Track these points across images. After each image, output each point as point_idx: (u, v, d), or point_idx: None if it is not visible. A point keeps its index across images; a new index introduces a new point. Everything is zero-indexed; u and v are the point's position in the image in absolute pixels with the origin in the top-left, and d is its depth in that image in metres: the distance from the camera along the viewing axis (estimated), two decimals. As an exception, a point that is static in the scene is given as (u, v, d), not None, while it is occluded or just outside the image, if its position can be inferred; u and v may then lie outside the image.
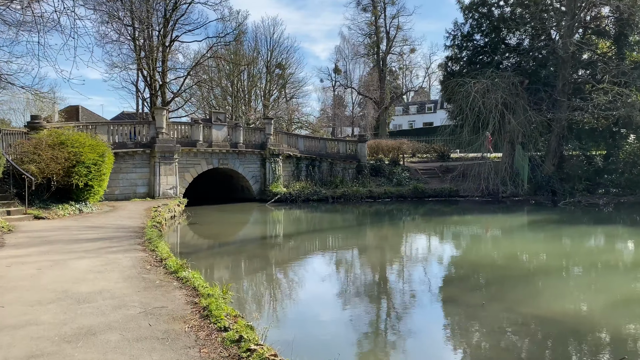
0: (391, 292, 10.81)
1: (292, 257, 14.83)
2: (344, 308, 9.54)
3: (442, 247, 17.35)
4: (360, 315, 9.03)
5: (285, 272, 12.86)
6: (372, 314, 9.24)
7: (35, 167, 16.44)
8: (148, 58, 38.37)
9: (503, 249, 16.10)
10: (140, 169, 24.51)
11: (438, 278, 12.35)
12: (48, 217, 16.04)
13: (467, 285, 11.29)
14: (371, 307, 9.70)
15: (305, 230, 20.33)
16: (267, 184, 29.52)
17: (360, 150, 33.85)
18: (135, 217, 17.06)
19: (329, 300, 10.10)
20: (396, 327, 8.66)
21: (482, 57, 37.86)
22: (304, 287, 11.47)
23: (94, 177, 17.87)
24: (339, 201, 29.29)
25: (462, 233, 20.05)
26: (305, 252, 16.01)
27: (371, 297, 10.42)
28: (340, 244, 17.35)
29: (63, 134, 18.16)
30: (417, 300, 10.11)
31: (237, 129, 28.85)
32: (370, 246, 17.17)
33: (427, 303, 9.94)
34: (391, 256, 15.19)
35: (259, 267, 13.24)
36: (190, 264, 11.08)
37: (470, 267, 13.36)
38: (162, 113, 25.20)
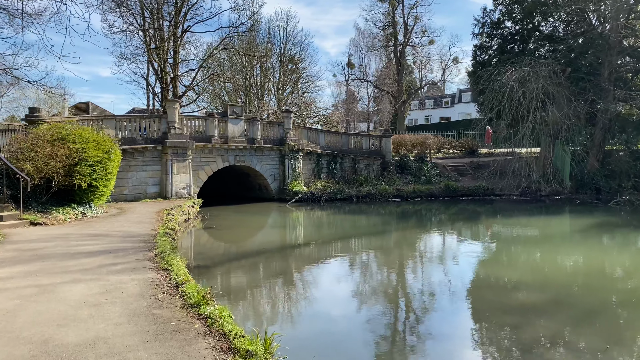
0: (446, 324, 8.58)
1: (328, 276, 12.66)
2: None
3: (499, 257, 15.07)
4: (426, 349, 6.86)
5: (328, 302, 10.68)
6: (428, 348, 7.06)
7: (32, 165, 14.44)
8: (159, 50, 36.38)
9: (578, 261, 13.77)
10: (150, 166, 22.49)
11: (508, 304, 10.06)
12: (46, 223, 14.03)
13: (558, 315, 9.02)
14: (427, 344, 7.50)
15: (334, 237, 18.16)
16: (287, 183, 27.40)
17: (384, 145, 31.58)
18: (145, 222, 15.00)
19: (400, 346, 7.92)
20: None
21: (513, 45, 35.40)
22: (360, 324, 9.29)
23: (99, 177, 15.84)
24: (364, 201, 27.09)
25: (514, 238, 17.75)
26: (343, 272, 13.82)
27: (425, 333, 8.22)
28: (380, 258, 15.13)
29: (64, 128, 16.15)
30: (485, 340, 7.87)
31: (255, 123, 26.73)
32: (411, 258, 14.93)
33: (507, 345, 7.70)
34: (440, 274, 12.93)
35: (295, 291, 11.07)
36: (213, 288, 8.98)
37: (545, 287, 11.08)
38: (174, 106, 23.14)
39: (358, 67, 78.17)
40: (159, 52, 36.21)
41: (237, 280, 11.34)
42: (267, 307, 9.39)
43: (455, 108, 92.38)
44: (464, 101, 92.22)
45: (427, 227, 20.19)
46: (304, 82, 64.16)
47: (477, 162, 33.62)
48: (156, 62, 35.89)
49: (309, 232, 19.12)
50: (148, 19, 35.91)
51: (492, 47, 36.91)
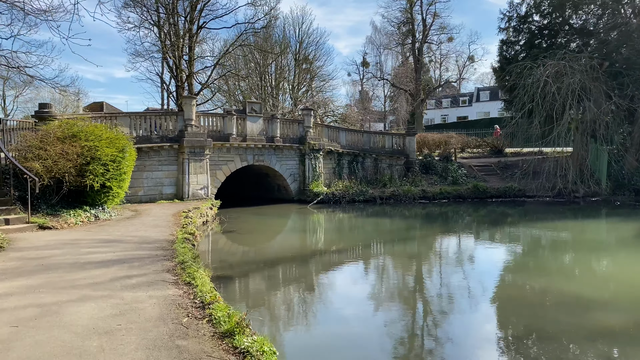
0: (475, 335, 7.27)
1: (367, 288, 11.43)
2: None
3: (535, 264, 13.65)
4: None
5: (378, 325, 9.43)
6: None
7: (41, 164, 13.39)
8: (174, 46, 35.39)
9: (613, 269, 12.33)
10: (166, 166, 21.42)
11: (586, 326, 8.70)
12: (56, 227, 12.97)
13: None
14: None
15: (360, 242, 16.90)
16: (307, 183, 26.20)
17: (408, 144, 30.22)
18: (162, 226, 13.89)
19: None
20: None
21: (541, 40, 33.84)
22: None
23: (112, 177, 14.76)
24: (388, 202, 25.77)
25: (550, 242, 16.33)
26: (380, 283, 12.53)
27: (451, 342, 6.92)
28: (411, 266, 13.80)
29: (75, 125, 15.10)
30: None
31: (274, 121, 25.56)
32: (439, 265, 13.60)
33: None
34: (470, 282, 11.57)
35: (334, 309, 9.85)
36: (241, 302, 7.89)
37: (580, 297, 9.70)
38: (191, 103, 22.06)
39: (374, 65, 76.84)
40: (174, 49, 35.23)
41: (267, 295, 10.11)
42: (305, 332, 8.16)
43: (473, 107, 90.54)
44: (482, 100, 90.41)
45: (457, 230, 18.83)
46: (319, 80, 62.99)
47: (505, 162, 32.12)
48: (171, 58, 34.91)
49: (334, 236, 17.88)
50: (163, 14, 34.96)
51: (519, 42, 35.39)
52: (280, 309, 9.10)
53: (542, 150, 36.11)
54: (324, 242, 16.67)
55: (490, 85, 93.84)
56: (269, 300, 9.67)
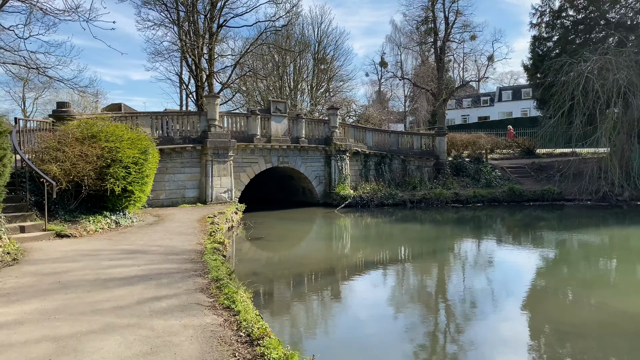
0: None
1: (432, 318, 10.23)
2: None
3: (582, 276, 12.31)
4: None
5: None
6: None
7: (58, 167, 12.44)
8: (193, 45, 34.53)
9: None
10: (189, 168, 20.45)
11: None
12: (74, 235, 11.99)
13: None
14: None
15: (405, 252, 15.71)
16: (333, 186, 25.04)
17: (438, 145, 28.88)
18: (188, 233, 12.85)
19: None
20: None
21: (574, 36, 32.28)
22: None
23: (134, 180, 13.76)
24: (418, 206, 24.48)
25: (606, 251, 14.93)
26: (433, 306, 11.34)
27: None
28: (452, 279, 12.58)
29: (95, 124, 14.14)
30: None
31: (299, 121, 24.45)
32: (480, 279, 12.32)
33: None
34: (512, 300, 10.30)
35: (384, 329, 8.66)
36: (288, 328, 6.82)
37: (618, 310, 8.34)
38: (215, 102, 21.05)
39: (393, 65, 75.46)
40: (193, 48, 34.37)
41: (320, 322, 8.94)
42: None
43: (495, 107, 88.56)
44: (504, 100, 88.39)
45: (496, 236, 17.56)
46: (338, 81, 61.79)
47: (539, 164, 30.60)
48: (191, 57, 34.04)
49: (369, 244, 16.68)
50: (182, 12, 34.15)
51: (552, 38, 33.85)
52: (338, 341, 7.95)
53: (575, 151, 34.58)
54: (359, 250, 15.49)
55: (511, 84, 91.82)
56: (324, 329, 8.52)
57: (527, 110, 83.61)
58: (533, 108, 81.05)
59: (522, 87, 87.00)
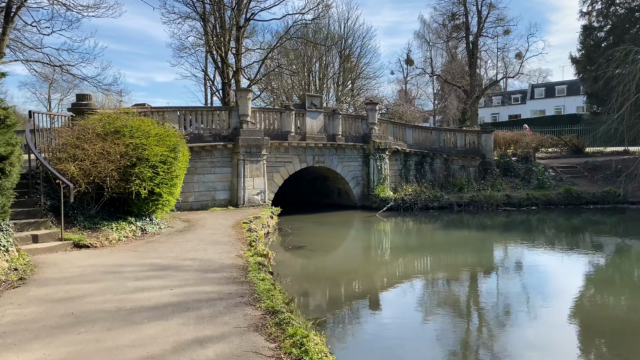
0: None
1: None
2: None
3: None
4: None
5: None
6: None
7: (77, 166, 10.83)
8: (219, 40, 32.98)
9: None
10: (219, 168, 18.78)
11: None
12: (94, 245, 10.35)
13: None
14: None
15: (475, 265, 13.73)
16: (371, 187, 23.11)
17: (484, 143, 26.69)
18: (224, 242, 11.10)
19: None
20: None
21: (629, 25, 29.71)
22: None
23: (162, 182, 12.09)
24: (467, 209, 22.37)
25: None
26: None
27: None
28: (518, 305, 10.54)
29: (118, 118, 12.52)
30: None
31: (335, 117, 22.60)
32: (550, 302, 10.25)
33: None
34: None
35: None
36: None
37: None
38: (247, 96, 19.33)
39: (422, 62, 72.92)
40: (219, 42, 32.80)
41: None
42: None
43: (527, 105, 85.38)
44: (536, 97, 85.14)
45: (563, 246, 15.39)
46: (364, 79, 59.73)
47: (593, 163, 28.12)
48: (217, 51, 32.46)
49: (432, 256, 14.72)
50: (208, 5, 32.62)
51: (604, 27, 31.34)
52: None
53: (627, 150, 31.96)
54: (420, 264, 13.56)
55: (544, 82, 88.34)
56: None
57: (560, 108, 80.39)
58: (568, 105, 78.10)
59: (555, 84, 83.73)
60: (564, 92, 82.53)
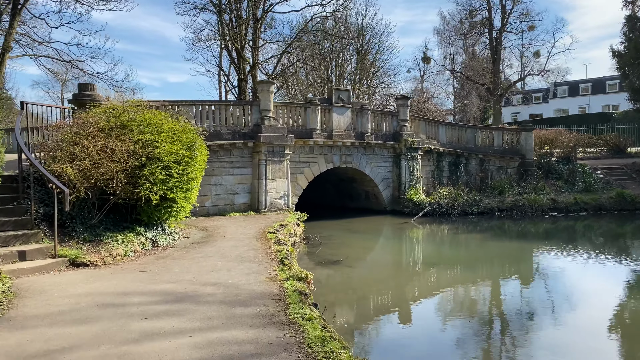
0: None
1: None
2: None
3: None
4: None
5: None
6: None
7: (75, 167, 9.00)
8: (236, 34, 31.16)
9: None
10: (239, 169, 16.94)
11: None
12: (95, 262, 8.52)
13: None
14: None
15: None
16: (403, 190, 21.12)
17: (524, 142, 24.54)
18: (250, 258, 9.21)
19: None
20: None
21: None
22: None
23: (176, 185, 10.23)
24: (509, 215, 20.29)
25: None
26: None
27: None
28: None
29: (126, 111, 10.69)
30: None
31: (364, 113, 20.63)
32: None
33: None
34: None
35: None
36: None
37: None
38: (269, 89, 17.44)
39: (442, 58, 70.53)
40: (236, 35, 30.98)
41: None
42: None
43: (549, 104, 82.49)
44: (559, 96, 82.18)
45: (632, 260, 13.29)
46: (383, 76, 57.56)
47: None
48: (233, 45, 30.63)
49: (490, 270, 12.72)
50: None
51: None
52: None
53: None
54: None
55: (567, 80, 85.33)
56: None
57: (585, 107, 77.56)
58: (593, 104, 75.22)
59: (579, 82, 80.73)
60: (588, 91, 79.65)
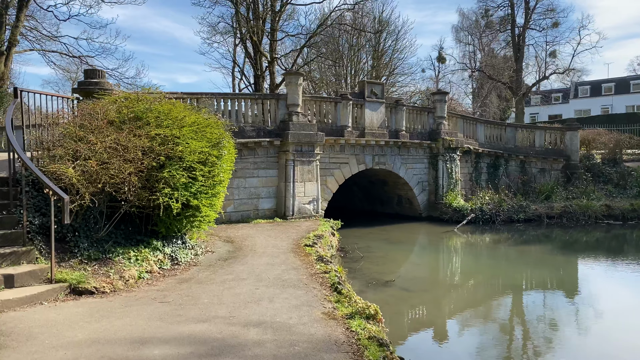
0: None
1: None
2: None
3: None
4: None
5: None
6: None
7: (78, 168, 7.22)
8: (252, 28, 29.41)
9: None
10: (264, 170, 15.13)
11: None
12: (102, 288, 6.72)
13: None
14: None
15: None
16: (440, 194, 19.21)
17: (569, 142, 22.52)
18: (294, 283, 7.37)
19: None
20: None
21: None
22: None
23: (201, 190, 8.41)
24: (558, 222, 18.31)
25: None
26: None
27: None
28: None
29: (141, 100, 8.88)
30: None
31: (399, 109, 18.75)
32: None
33: None
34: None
35: None
36: None
37: None
38: (297, 81, 15.59)
39: (461, 56, 68.32)
40: (253, 29, 29.22)
41: None
42: None
43: (570, 104, 79.92)
44: (580, 96, 79.55)
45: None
46: (399, 75, 55.53)
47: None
48: (252, 36, 28.83)
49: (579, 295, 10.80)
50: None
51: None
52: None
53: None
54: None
55: (590, 79, 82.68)
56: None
57: (608, 107, 75.00)
58: (616, 104, 72.61)
59: (602, 82, 78.10)
60: (611, 91, 77.05)
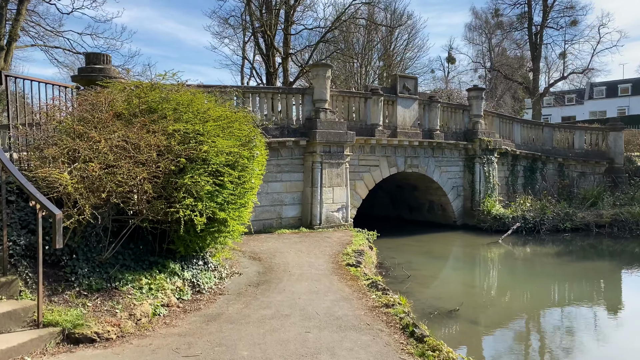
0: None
1: None
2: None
3: None
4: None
5: None
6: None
7: (76, 174, 5.53)
8: (265, 23, 27.78)
9: None
10: (287, 174, 13.44)
11: None
12: (105, 334, 5.03)
13: None
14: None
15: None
16: (477, 200, 17.48)
17: (612, 144, 20.72)
18: (352, 324, 5.67)
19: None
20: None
21: None
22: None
23: (229, 200, 6.72)
24: (610, 232, 16.57)
25: None
26: None
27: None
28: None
29: (155, 88, 7.19)
30: None
31: (433, 106, 17.04)
32: None
33: None
34: None
35: None
36: None
37: None
38: (326, 74, 13.88)
39: (474, 56, 66.56)
40: (266, 23, 27.59)
41: None
42: None
43: (584, 106, 77.82)
44: (596, 97, 77.56)
45: None
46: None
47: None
48: (266, 30, 27.20)
49: None
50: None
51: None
52: None
53: None
54: None
55: (606, 80, 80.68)
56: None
57: (624, 108, 72.97)
58: (634, 105, 70.61)
59: (618, 82, 76.07)
60: (628, 92, 75.06)
